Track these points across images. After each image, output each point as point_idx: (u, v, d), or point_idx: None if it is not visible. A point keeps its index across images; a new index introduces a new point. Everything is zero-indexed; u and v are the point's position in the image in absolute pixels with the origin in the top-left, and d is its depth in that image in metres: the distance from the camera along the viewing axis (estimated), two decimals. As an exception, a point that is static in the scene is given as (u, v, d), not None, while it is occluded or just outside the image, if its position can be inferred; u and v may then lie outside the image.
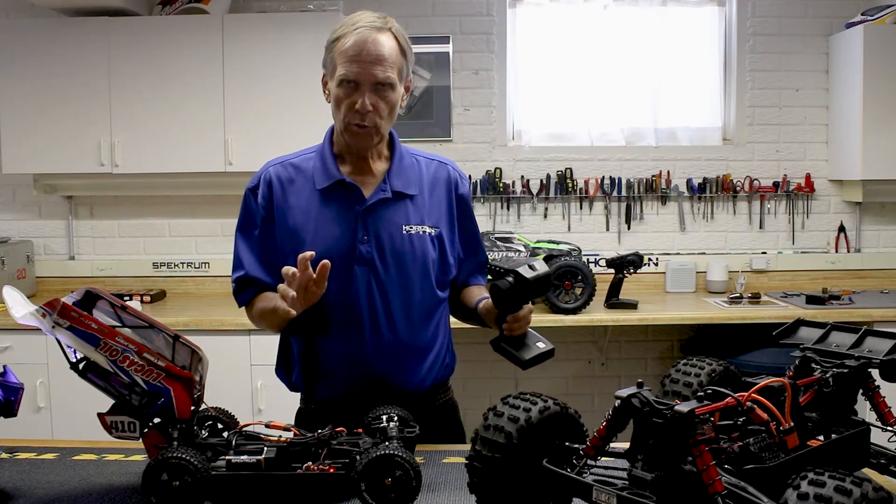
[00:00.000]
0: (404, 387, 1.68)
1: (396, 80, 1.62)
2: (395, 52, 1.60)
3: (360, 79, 1.58)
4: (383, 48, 1.58)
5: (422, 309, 1.70)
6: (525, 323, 1.52)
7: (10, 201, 4.03)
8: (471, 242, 1.80)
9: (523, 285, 1.42)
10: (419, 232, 1.68)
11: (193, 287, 4.01)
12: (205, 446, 1.32)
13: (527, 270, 1.41)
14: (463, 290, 1.79)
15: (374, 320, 1.66)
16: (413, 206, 1.69)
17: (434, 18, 3.92)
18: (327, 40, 1.65)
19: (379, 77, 1.58)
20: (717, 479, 0.95)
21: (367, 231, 1.65)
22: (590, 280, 3.42)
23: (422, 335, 1.71)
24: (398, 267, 1.66)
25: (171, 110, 3.58)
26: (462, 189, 1.78)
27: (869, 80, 3.59)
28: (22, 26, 3.64)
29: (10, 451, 1.57)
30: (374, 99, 1.60)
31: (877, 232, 4.03)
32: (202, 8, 3.62)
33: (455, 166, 1.80)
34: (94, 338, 1.25)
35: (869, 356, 1.27)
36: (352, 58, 1.58)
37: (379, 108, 1.61)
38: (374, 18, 1.60)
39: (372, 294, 1.65)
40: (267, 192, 1.71)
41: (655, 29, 3.93)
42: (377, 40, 1.58)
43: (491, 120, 3.97)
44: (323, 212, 1.67)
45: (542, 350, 1.50)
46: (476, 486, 1.14)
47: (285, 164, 1.74)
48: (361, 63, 1.57)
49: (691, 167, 4.00)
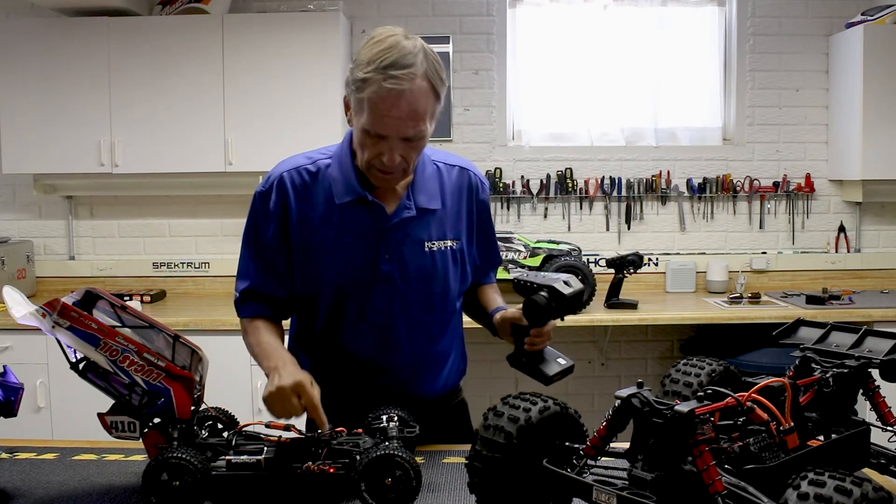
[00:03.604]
0: (419, 395, 1.66)
1: (428, 128, 1.48)
2: (428, 101, 1.44)
3: (388, 134, 1.44)
4: (417, 104, 1.42)
5: (441, 323, 1.67)
6: (547, 339, 1.50)
7: (10, 201, 4.04)
8: (487, 245, 1.76)
9: (559, 301, 1.38)
10: (441, 248, 1.61)
11: (193, 287, 4.01)
12: (205, 446, 1.32)
13: (563, 286, 1.38)
14: (475, 287, 1.77)
15: (394, 337, 1.62)
16: (435, 219, 1.61)
17: (434, 18, 3.92)
18: (353, 66, 1.45)
19: (410, 134, 1.45)
20: (717, 479, 0.95)
21: (389, 249, 1.57)
22: (590, 280, 3.42)
23: (439, 347, 1.69)
24: (420, 284, 1.60)
25: (171, 110, 3.58)
26: (483, 195, 1.70)
27: (869, 80, 3.59)
28: (22, 26, 3.64)
29: (10, 451, 1.57)
30: (403, 149, 1.47)
31: (877, 232, 4.03)
32: (202, 8, 3.62)
33: (476, 171, 1.71)
34: (94, 338, 1.25)
35: (869, 356, 1.27)
36: (381, 113, 1.42)
37: (408, 158, 1.49)
38: (405, 55, 1.40)
39: (393, 311, 1.60)
40: (280, 200, 1.58)
41: (655, 29, 3.93)
42: (410, 96, 1.40)
43: (491, 120, 3.98)
44: (342, 228, 1.56)
45: (564, 367, 1.49)
46: (476, 486, 1.14)
47: (301, 171, 1.59)
48: (391, 119, 1.42)
49: (691, 167, 4.00)
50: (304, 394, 1.37)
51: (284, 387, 1.37)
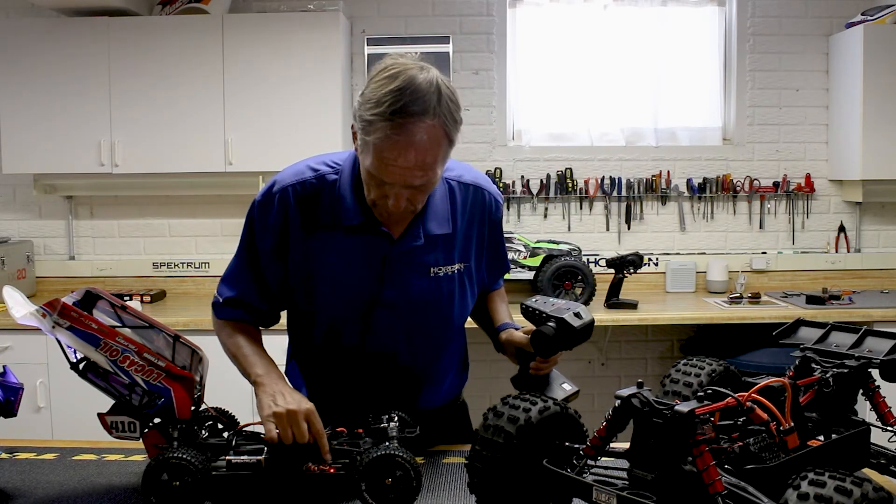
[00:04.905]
0: (421, 407, 1.63)
1: (438, 174, 1.38)
2: (439, 151, 1.33)
3: (394, 182, 1.35)
4: (426, 155, 1.31)
5: (443, 340, 1.64)
6: (552, 365, 1.49)
7: (10, 201, 4.04)
8: (496, 260, 1.70)
9: (568, 333, 1.36)
10: (448, 272, 1.54)
11: (193, 287, 4.01)
12: (205, 446, 1.32)
13: (573, 318, 1.36)
14: (482, 293, 1.73)
15: (394, 361, 1.58)
16: (443, 244, 1.53)
17: (434, 18, 3.92)
18: (361, 100, 1.34)
19: (416, 184, 1.35)
20: (717, 479, 0.95)
21: (391, 276, 1.50)
22: (590, 280, 3.43)
23: (440, 365, 1.66)
24: (423, 309, 1.55)
25: (171, 110, 3.58)
26: (497, 214, 1.63)
27: (869, 80, 3.59)
28: (22, 26, 3.64)
29: (10, 451, 1.57)
30: (409, 194, 1.38)
31: (877, 232, 4.03)
32: (202, 8, 3.62)
33: (492, 189, 1.61)
34: (94, 338, 1.25)
35: (869, 356, 1.27)
36: (387, 162, 1.32)
37: (415, 201, 1.41)
38: (416, 99, 1.28)
39: (395, 336, 1.56)
40: (281, 213, 1.49)
41: (655, 29, 3.93)
42: (420, 146, 1.29)
43: (491, 120, 3.97)
44: (345, 251, 1.49)
45: (569, 392, 1.46)
46: (476, 486, 1.14)
47: (305, 184, 1.49)
48: (397, 168, 1.32)
49: (691, 167, 4.00)
50: (315, 423, 1.32)
51: (296, 411, 1.31)
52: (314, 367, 1.67)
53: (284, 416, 1.31)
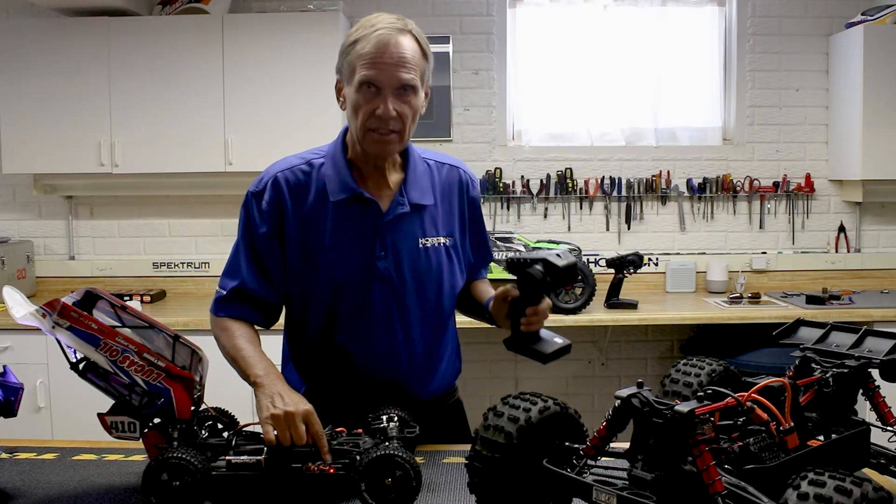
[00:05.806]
0: (417, 396, 1.66)
1: (419, 84, 1.54)
2: (417, 55, 1.52)
3: (382, 82, 1.49)
4: (406, 50, 1.50)
5: (437, 321, 1.68)
6: (543, 317, 1.49)
7: (10, 201, 4.03)
8: (479, 243, 1.78)
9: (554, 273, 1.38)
10: (434, 244, 1.63)
11: (193, 287, 4.01)
12: (205, 446, 1.32)
13: (556, 258, 1.38)
14: (467, 284, 1.77)
15: (391, 336, 1.62)
16: (428, 216, 1.63)
17: (434, 18, 3.92)
18: (343, 44, 1.55)
19: (403, 79, 1.50)
20: (717, 479, 0.95)
21: (384, 247, 1.58)
22: (590, 280, 3.42)
23: (436, 346, 1.69)
24: (415, 282, 1.61)
25: (171, 110, 3.58)
26: (473, 192, 1.73)
27: (869, 80, 3.59)
28: (22, 26, 3.64)
29: (10, 451, 1.57)
30: (397, 104, 1.51)
31: (877, 232, 4.03)
32: (202, 8, 3.62)
33: (466, 168, 1.74)
34: (94, 338, 1.25)
35: (869, 356, 1.27)
36: (373, 60, 1.48)
37: (403, 114, 1.52)
38: (393, 20, 1.52)
39: (390, 310, 1.61)
40: (274, 199, 1.60)
41: (655, 29, 3.93)
42: (399, 42, 1.49)
43: (491, 120, 3.97)
44: (338, 226, 1.58)
45: (561, 345, 1.49)
46: (476, 486, 1.14)
47: (294, 171, 1.61)
48: (383, 66, 1.48)
49: (691, 167, 4.00)
50: (313, 424, 1.33)
51: (294, 413, 1.33)
52: (312, 366, 1.69)
53: (282, 418, 1.32)
